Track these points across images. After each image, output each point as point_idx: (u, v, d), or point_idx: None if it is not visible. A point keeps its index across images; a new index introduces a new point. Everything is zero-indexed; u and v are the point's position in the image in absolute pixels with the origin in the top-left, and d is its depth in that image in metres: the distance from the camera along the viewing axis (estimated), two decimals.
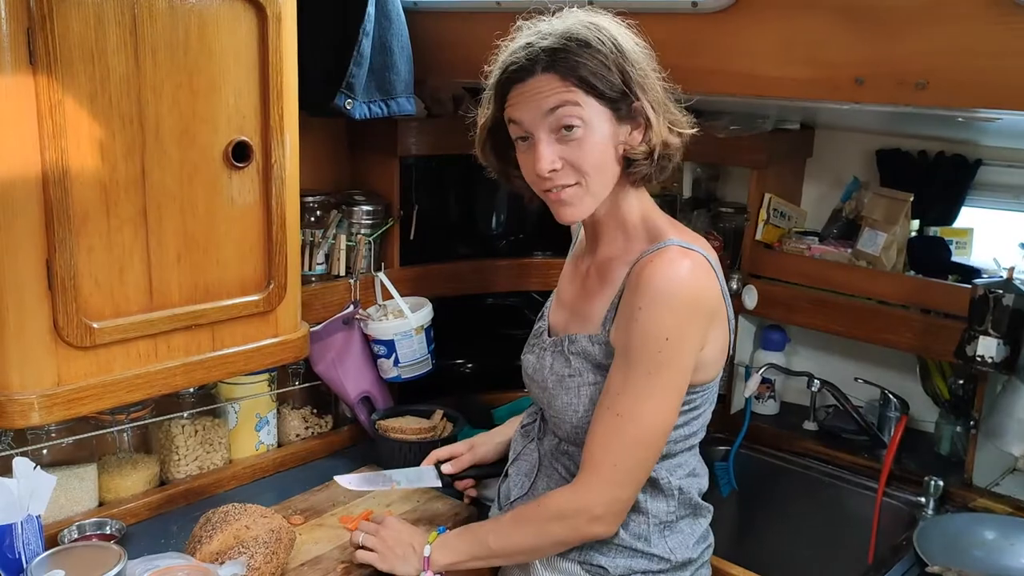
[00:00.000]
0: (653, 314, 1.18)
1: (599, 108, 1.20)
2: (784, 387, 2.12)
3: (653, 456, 1.25)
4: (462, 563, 1.35)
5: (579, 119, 1.19)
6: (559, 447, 1.35)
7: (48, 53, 1.19)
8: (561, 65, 1.18)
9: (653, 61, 1.25)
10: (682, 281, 1.20)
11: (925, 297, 1.73)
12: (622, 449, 1.22)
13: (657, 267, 1.20)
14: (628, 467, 1.23)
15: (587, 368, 1.28)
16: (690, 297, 1.20)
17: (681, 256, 1.22)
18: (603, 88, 1.18)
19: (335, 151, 1.98)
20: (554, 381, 1.32)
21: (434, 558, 1.34)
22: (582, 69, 1.17)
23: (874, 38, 1.33)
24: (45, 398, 1.28)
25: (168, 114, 1.34)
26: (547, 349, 1.36)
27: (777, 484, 1.96)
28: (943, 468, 1.80)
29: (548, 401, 1.33)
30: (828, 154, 2.05)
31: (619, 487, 1.24)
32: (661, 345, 1.18)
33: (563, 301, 1.41)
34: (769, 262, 1.94)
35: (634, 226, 1.30)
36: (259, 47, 1.42)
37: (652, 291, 1.19)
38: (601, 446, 1.23)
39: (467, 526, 1.40)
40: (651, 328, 1.18)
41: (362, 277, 1.88)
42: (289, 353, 1.59)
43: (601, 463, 1.23)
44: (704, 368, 1.26)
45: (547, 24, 1.23)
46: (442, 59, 1.83)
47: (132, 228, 1.33)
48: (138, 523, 1.59)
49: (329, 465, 1.86)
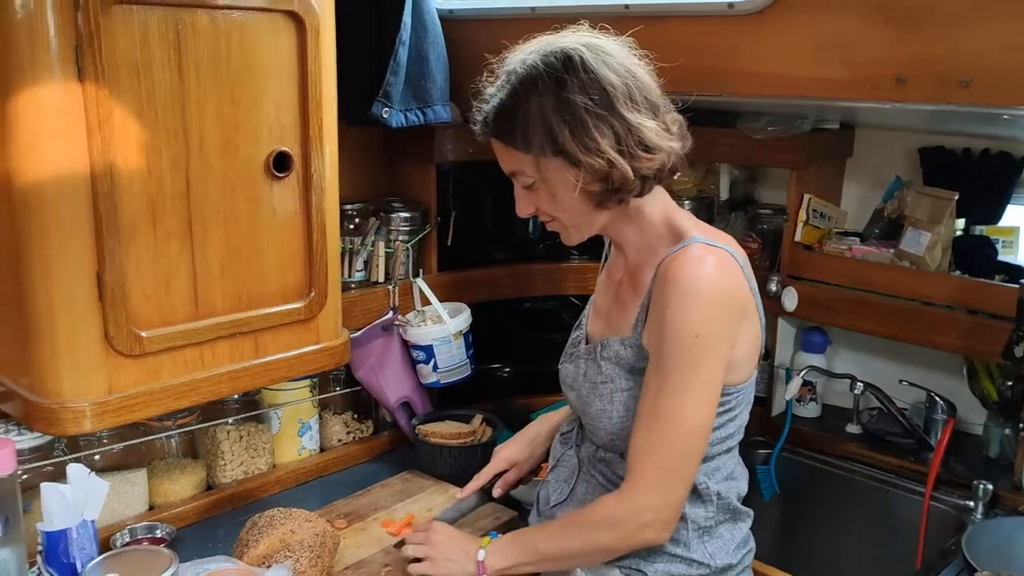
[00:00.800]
0: (681, 311, 1.18)
1: (545, 162, 1.21)
2: (825, 389, 2.10)
3: (696, 455, 1.24)
4: (514, 567, 1.35)
5: (530, 177, 1.25)
6: (596, 454, 1.35)
7: (96, 69, 1.22)
8: (500, 134, 1.24)
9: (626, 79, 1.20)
10: (707, 277, 1.20)
11: (971, 297, 1.70)
12: (664, 450, 1.21)
13: (681, 265, 1.20)
14: (673, 468, 1.22)
15: (620, 374, 1.28)
16: (717, 293, 1.20)
17: (705, 252, 1.22)
18: (543, 147, 1.20)
19: (372, 159, 2.00)
20: (588, 388, 1.32)
21: (488, 561, 1.34)
22: (518, 137, 1.21)
23: (915, 37, 1.31)
24: (97, 406, 1.31)
25: (211, 127, 1.36)
26: (582, 357, 1.36)
27: (820, 487, 1.94)
28: (991, 471, 1.77)
29: (583, 408, 1.34)
30: (869, 153, 2.03)
31: (666, 490, 1.23)
32: (691, 342, 1.18)
33: (599, 310, 1.42)
34: (809, 263, 1.92)
35: (655, 229, 1.30)
36: (298, 59, 1.44)
37: (678, 289, 1.19)
38: (643, 450, 1.23)
39: (518, 531, 1.40)
40: (680, 326, 1.18)
41: (400, 283, 1.90)
42: (330, 360, 1.61)
43: (645, 467, 1.22)
44: (737, 368, 1.26)
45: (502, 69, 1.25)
46: (478, 66, 1.84)
47: (178, 239, 1.36)
48: (186, 526, 1.62)
49: (370, 469, 1.88)
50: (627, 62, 1.22)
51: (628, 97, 1.19)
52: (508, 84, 1.23)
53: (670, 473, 1.22)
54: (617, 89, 1.19)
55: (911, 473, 1.84)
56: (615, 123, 1.18)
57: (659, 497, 1.23)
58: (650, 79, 1.24)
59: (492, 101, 1.25)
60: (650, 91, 1.23)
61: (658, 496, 1.23)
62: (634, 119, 1.19)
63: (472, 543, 1.38)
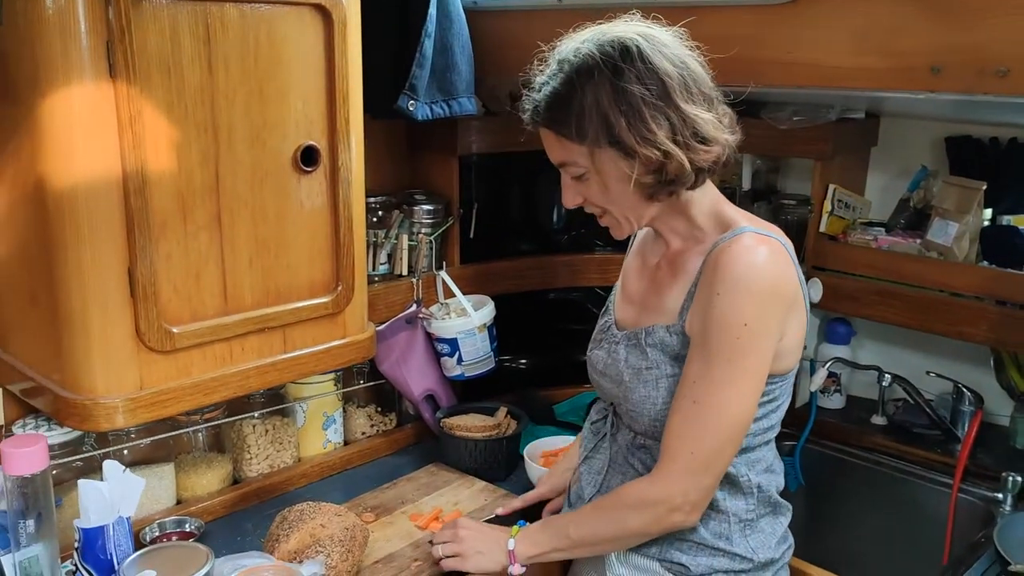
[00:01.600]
0: (731, 300, 1.17)
1: (599, 153, 1.20)
2: (850, 381, 2.09)
3: (733, 446, 1.23)
4: (545, 554, 1.35)
5: (582, 167, 1.23)
6: (635, 441, 1.34)
7: (127, 65, 1.21)
8: (552, 124, 1.22)
9: (682, 70, 1.19)
10: (760, 267, 1.19)
11: (1000, 288, 1.69)
12: (700, 436, 1.21)
13: (734, 253, 1.19)
14: (706, 455, 1.21)
15: (664, 360, 1.27)
16: (768, 283, 1.19)
17: (758, 242, 1.21)
18: (595, 138, 1.18)
19: (395, 151, 2.00)
20: (631, 374, 1.31)
21: (519, 550, 1.35)
22: (572, 127, 1.19)
23: (950, 25, 1.29)
24: (129, 401, 1.32)
25: (240, 121, 1.36)
26: (620, 343, 1.35)
27: (845, 479, 1.94)
28: (1019, 463, 1.76)
29: (624, 395, 1.32)
30: (894, 143, 2.01)
31: (698, 475, 1.22)
32: (740, 331, 1.17)
33: (630, 296, 1.40)
34: (834, 254, 1.91)
35: (704, 219, 1.29)
36: (325, 52, 1.44)
37: (730, 277, 1.18)
38: (678, 435, 1.22)
39: (547, 519, 1.40)
40: (729, 314, 1.17)
41: (424, 276, 1.90)
42: (357, 354, 1.61)
43: (679, 451, 1.22)
44: (783, 357, 1.25)
45: (555, 57, 1.23)
46: (502, 58, 1.83)
47: (207, 234, 1.36)
48: (214, 520, 1.63)
49: (395, 462, 1.88)
50: (681, 53, 1.21)
51: (684, 88, 1.18)
52: (562, 72, 1.21)
53: (703, 459, 1.22)
54: (674, 80, 1.17)
55: (938, 465, 1.83)
56: (671, 114, 1.17)
57: (691, 481, 1.23)
58: (703, 71, 1.23)
59: (544, 90, 1.22)
60: (704, 83, 1.22)
61: (690, 480, 1.23)
62: (690, 111, 1.18)
63: (502, 533, 1.39)
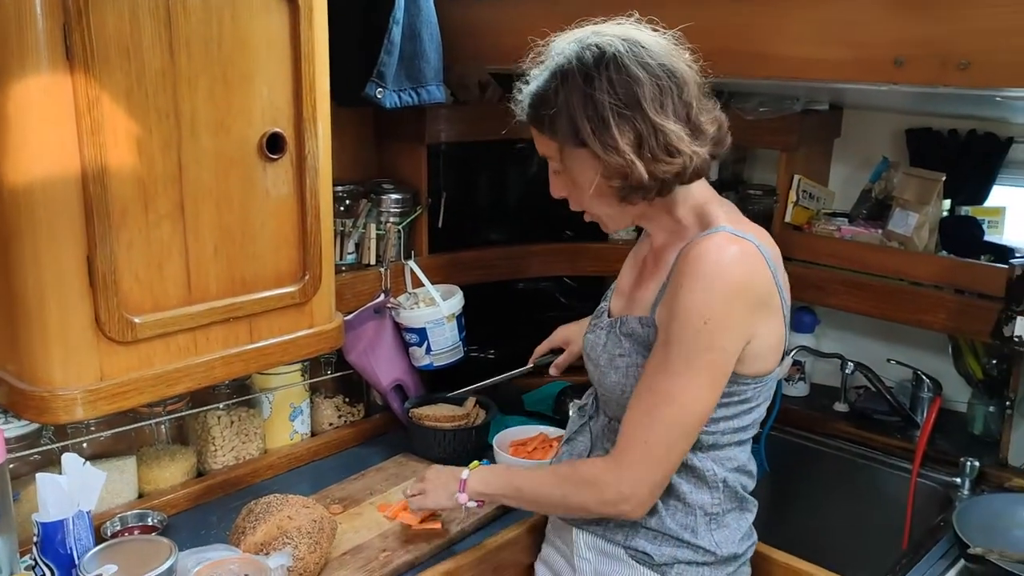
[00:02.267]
0: (695, 295, 1.19)
1: (571, 152, 1.23)
2: (813, 368, 2.12)
3: (686, 438, 1.24)
4: (491, 496, 1.41)
5: (560, 163, 1.27)
6: (609, 425, 1.36)
7: (84, 49, 1.18)
8: (534, 120, 1.27)
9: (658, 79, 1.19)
10: (727, 265, 1.19)
11: (959, 277, 1.72)
12: (653, 427, 1.22)
13: (704, 250, 1.20)
14: (658, 446, 1.22)
15: (635, 349, 1.29)
16: (735, 281, 1.20)
17: (729, 241, 1.21)
18: (564, 139, 1.22)
19: (362, 140, 1.98)
20: (606, 360, 1.32)
21: (470, 483, 1.40)
22: (549, 124, 1.24)
23: (914, 18, 1.31)
24: (89, 393, 1.29)
25: (203, 108, 1.33)
26: (604, 329, 1.36)
27: (808, 465, 1.96)
28: (976, 448, 1.80)
29: (599, 379, 1.35)
30: (856, 134, 2.04)
31: (649, 468, 1.23)
32: (700, 326, 1.18)
33: (622, 288, 1.42)
34: (799, 244, 1.93)
35: (688, 216, 1.30)
36: (291, 38, 1.42)
37: (696, 272, 1.19)
38: (634, 423, 1.24)
39: (506, 466, 1.47)
40: (692, 309, 1.18)
41: (392, 265, 1.88)
42: (325, 344, 1.59)
43: (633, 440, 1.24)
44: (758, 360, 1.25)
45: (546, 53, 1.26)
46: (470, 46, 1.82)
47: (170, 222, 1.33)
48: (178, 514, 1.60)
49: (362, 453, 1.87)
50: (666, 60, 1.21)
51: (656, 98, 1.19)
52: (547, 71, 1.25)
53: (655, 451, 1.23)
54: (646, 89, 1.18)
55: (898, 451, 1.87)
56: (639, 124, 1.18)
57: (642, 473, 1.24)
58: (692, 77, 1.23)
59: (530, 87, 1.27)
60: (686, 91, 1.21)
61: (641, 472, 1.24)
62: (659, 121, 1.18)
63: (460, 471, 1.44)
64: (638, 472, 1.23)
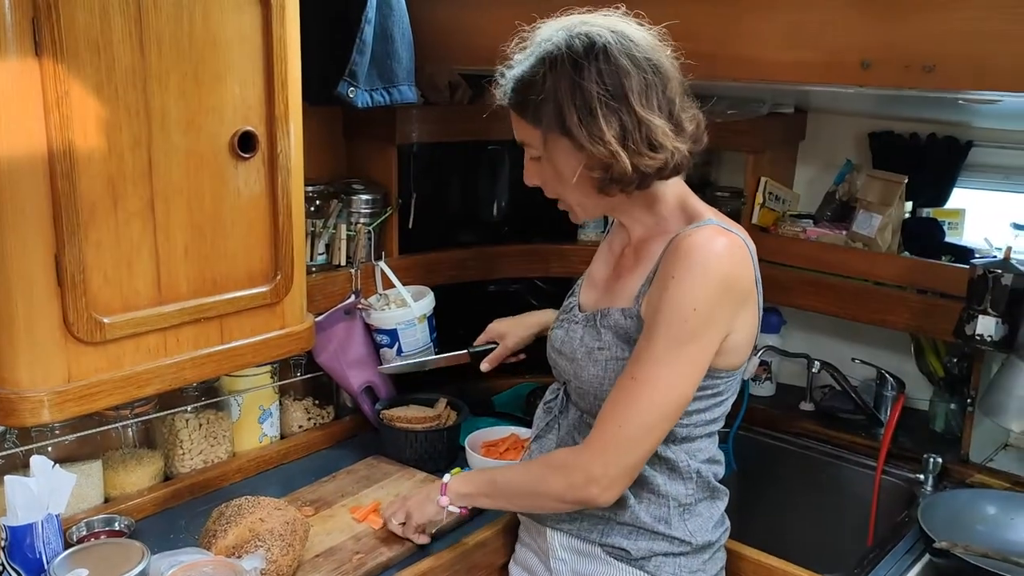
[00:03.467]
0: (685, 285, 1.19)
1: (553, 140, 1.23)
2: (780, 368, 2.15)
3: (662, 426, 1.24)
4: (472, 496, 1.40)
5: (536, 150, 1.27)
6: (582, 419, 1.36)
7: (54, 43, 1.16)
8: (515, 105, 1.27)
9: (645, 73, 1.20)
10: (718, 257, 1.21)
11: (921, 278, 1.76)
12: (630, 412, 1.22)
13: (696, 241, 1.21)
14: (633, 432, 1.22)
15: (616, 342, 1.29)
16: (724, 275, 1.21)
17: (719, 234, 1.23)
18: (548, 126, 1.22)
19: (332, 139, 1.96)
20: (583, 353, 1.32)
21: (451, 486, 1.41)
22: (530, 111, 1.23)
23: (881, 21, 1.34)
24: (56, 395, 1.26)
25: (174, 105, 1.32)
26: (578, 323, 1.36)
27: (776, 464, 1.99)
28: (938, 445, 1.84)
29: (575, 372, 1.34)
30: (821, 137, 2.07)
31: (621, 450, 1.23)
32: (688, 315, 1.19)
33: (595, 281, 1.42)
34: (766, 245, 1.93)
35: (669, 210, 1.31)
36: (263, 36, 1.41)
37: (688, 263, 1.20)
38: (611, 408, 1.24)
39: (482, 468, 1.48)
40: (681, 298, 1.19)
41: (363, 266, 1.87)
42: (296, 345, 1.58)
43: (608, 424, 1.24)
44: (732, 353, 1.27)
45: (532, 39, 1.26)
46: (441, 46, 1.82)
47: (140, 221, 1.31)
48: (145, 518, 1.58)
49: (333, 455, 1.85)
50: (653, 55, 1.22)
51: (643, 92, 1.20)
52: (532, 56, 1.24)
53: (629, 436, 1.23)
54: (633, 82, 1.19)
55: (863, 448, 1.90)
56: (625, 116, 1.19)
57: (612, 456, 1.24)
58: (675, 74, 1.24)
59: (514, 71, 1.26)
60: (670, 87, 1.23)
61: (612, 455, 1.24)
62: (644, 115, 1.19)
63: (439, 483, 1.44)
64: (609, 455, 1.24)
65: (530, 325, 1.68)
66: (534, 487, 1.32)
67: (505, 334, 1.68)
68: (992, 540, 1.48)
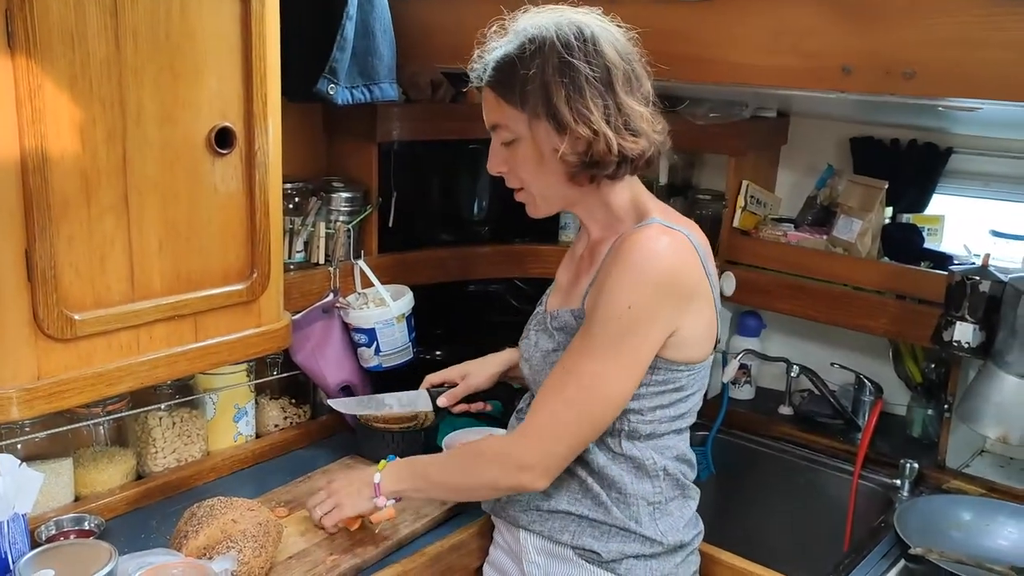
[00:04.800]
0: (621, 283, 1.21)
1: (534, 122, 1.23)
2: (759, 372, 2.15)
3: (595, 420, 1.26)
4: (406, 491, 1.40)
5: (511, 132, 1.27)
6: None
7: (27, 36, 1.14)
8: (496, 85, 1.26)
9: (627, 66, 1.24)
10: (656, 255, 1.22)
11: (901, 283, 1.76)
12: (562, 403, 1.24)
13: (635, 241, 1.23)
14: (565, 423, 1.25)
15: (568, 342, 1.29)
16: (662, 272, 1.22)
17: (660, 233, 1.25)
18: (533, 105, 1.22)
19: (311, 136, 1.95)
20: (539, 358, 1.34)
21: (383, 485, 1.39)
22: (513, 89, 1.23)
23: (862, 28, 1.35)
24: (25, 392, 1.24)
25: (150, 99, 1.30)
26: (535, 328, 1.38)
27: (754, 468, 1.99)
28: (915, 450, 1.84)
29: (535, 379, 1.35)
30: (802, 141, 2.08)
31: (552, 439, 1.26)
32: (622, 312, 1.20)
33: (559, 285, 1.44)
34: (746, 249, 1.96)
35: (622, 210, 1.32)
36: (242, 30, 1.39)
37: (625, 261, 1.22)
38: (544, 398, 1.27)
39: (412, 458, 1.44)
40: (616, 295, 1.21)
41: (341, 265, 1.86)
42: (272, 343, 1.56)
43: (540, 413, 1.26)
44: (687, 347, 1.27)
45: (512, 27, 1.27)
46: (423, 44, 1.81)
47: (113, 216, 1.29)
48: (116, 518, 1.55)
49: (309, 455, 1.83)
50: (629, 52, 1.25)
51: (627, 81, 1.23)
52: (517, 39, 1.24)
53: (560, 426, 1.25)
54: (619, 70, 1.22)
55: (840, 453, 1.91)
56: (609, 100, 1.21)
57: (543, 444, 1.26)
58: (645, 74, 1.27)
59: (495, 52, 1.26)
60: (644, 84, 1.26)
61: (543, 443, 1.26)
62: (627, 101, 1.22)
63: (369, 473, 1.42)
64: (542, 444, 1.26)
65: (494, 364, 1.62)
66: (468, 479, 1.34)
67: (467, 374, 1.62)
68: (967, 546, 1.49)
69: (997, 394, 1.55)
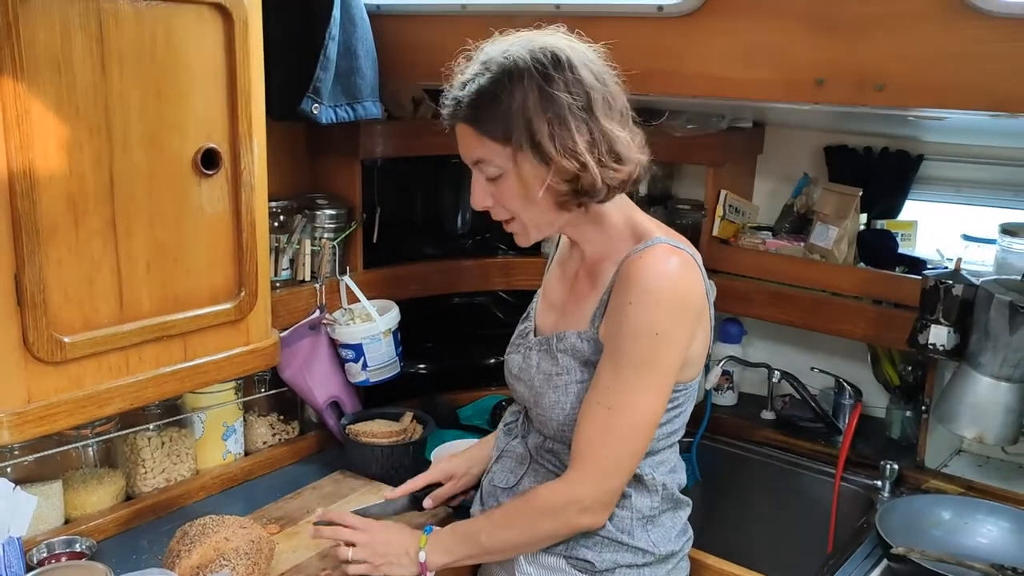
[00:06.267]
0: (643, 309, 1.21)
1: (519, 155, 1.20)
2: (741, 378, 2.18)
3: (642, 448, 1.27)
4: (457, 562, 1.35)
5: (496, 167, 1.23)
6: (544, 444, 1.37)
7: (14, 62, 1.16)
8: (475, 121, 1.21)
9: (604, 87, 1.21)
10: (671, 277, 1.23)
11: (877, 288, 1.80)
12: (613, 442, 1.24)
13: (647, 263, 1.23)
14: (619, 458, 1.25)
15: (575, 366, 1.30)
16: (679, 293, 1.23)
17: (669, 253, 1.24)
18: (517, 139, 1.19)
19: (295, 155, 1.96)
20: (541, 379, 1.33)
21: (430, 560, 1.33)
22: (493, 124, 1.19)
23: (835, 42, 1.38)
24: (15, 416, 1.25)
25: (136, 122, 1.31)
26: (533, 348, 1.37)
27: (738, 472, 2.02)
28: (895, 452, 1.88)
29: (535, 400, 1.34)
30: (778, 151, 2.11)
31: (609, 478, 1.26)
32: (651, 340, 1.21)
33: (552, 303, 1.42)
34: (726, 257, 1.99)
35: (618, 229, 1.32)
36: (226, 53, 1.41)
37: (642, 286, 1.21)
38: (590, 440, 1.25)
39: (456, 524, 1.39)
40: (641, 323, 1.21)
41: (327, 281, 1.87)
42: (261, 361, 1.58)
43: (593, 456, 1.25)
44: (689, 366, 1.29)
45: (480, 58, 1.23)
46: (405, 62, 1.83)
47: (101, 239, 1.30)
48: (107, 539, 1.55)
49: (298, 472, 1.84)
50: (602, 70, 1.23)
51: (605, 103, 1.21)
52: (489, 72, 1.20)
53: (615, 463, 1.25)
54: (598, 94, 1.20)
55: (822, 456, 1.94)
56: (593, 128, 1.19)
57: (600, 485, 1.26)
58: (620, 90, 1.25)
59: (469, 87, 1.21)
60: (620, 101, 1.24)
61: (600, 484, 1.26)
62: (609, 127, 1.20)
63: (411, 540, 1.36)
64: (599, 485, 1.26)
65: (480, 460, 1.56)
66: (527, 537, 1.31)
67: (453, 473, 1.57)
68: (947, 544, 1.52)
69: (972, 395, 1.58)
